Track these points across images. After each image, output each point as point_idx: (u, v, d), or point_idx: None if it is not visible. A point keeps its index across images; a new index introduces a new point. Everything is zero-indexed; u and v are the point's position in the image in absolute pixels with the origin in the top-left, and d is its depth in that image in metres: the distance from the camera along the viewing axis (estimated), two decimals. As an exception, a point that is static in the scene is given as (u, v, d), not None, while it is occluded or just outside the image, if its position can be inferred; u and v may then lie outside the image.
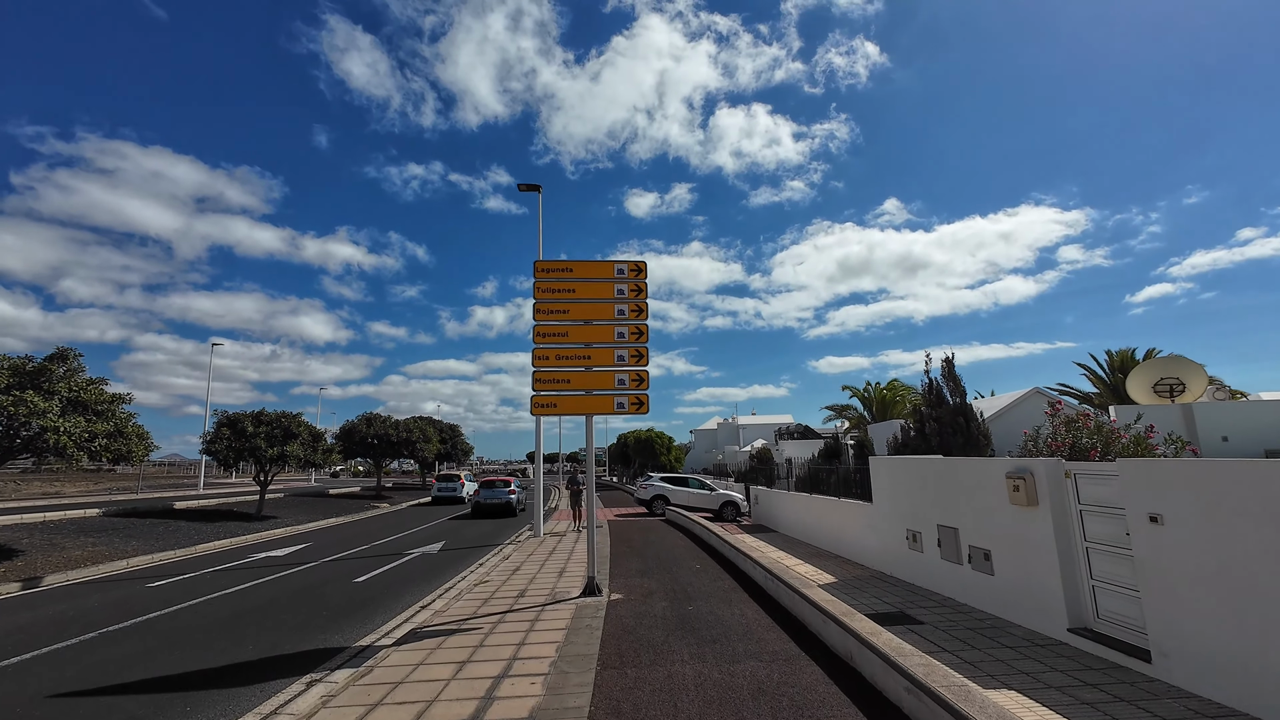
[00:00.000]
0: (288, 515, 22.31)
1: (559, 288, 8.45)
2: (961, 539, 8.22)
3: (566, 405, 8.15)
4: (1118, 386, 26.29)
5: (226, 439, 20.60)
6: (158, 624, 7.32)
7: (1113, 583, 5.94)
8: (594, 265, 8.61)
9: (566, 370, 8.26)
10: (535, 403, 8.06)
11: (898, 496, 10.12)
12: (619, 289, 8.53)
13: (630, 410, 8.09)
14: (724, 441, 62.10)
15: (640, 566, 10.36)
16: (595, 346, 8.35)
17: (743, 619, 6.69)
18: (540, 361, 8.21)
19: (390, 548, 14.34)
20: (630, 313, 8.47)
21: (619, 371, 8.25)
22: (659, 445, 47.85)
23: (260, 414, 21.88)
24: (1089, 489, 6.27)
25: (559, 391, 8.18)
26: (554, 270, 8.50)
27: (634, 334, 8.39)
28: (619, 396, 8.12)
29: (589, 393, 8.17)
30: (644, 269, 8.65)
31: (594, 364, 8.28)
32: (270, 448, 20.70)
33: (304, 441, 21.84)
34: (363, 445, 34.23)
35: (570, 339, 8.33)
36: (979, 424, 11.42)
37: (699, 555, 11.74)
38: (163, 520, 18.56)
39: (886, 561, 10.46)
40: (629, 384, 8.21)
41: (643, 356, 8.32)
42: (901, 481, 9.98)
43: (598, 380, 8.22)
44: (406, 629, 6.67)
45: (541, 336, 8.28)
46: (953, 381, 12.06)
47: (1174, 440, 7.83)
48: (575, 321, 8.41)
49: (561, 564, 10.80)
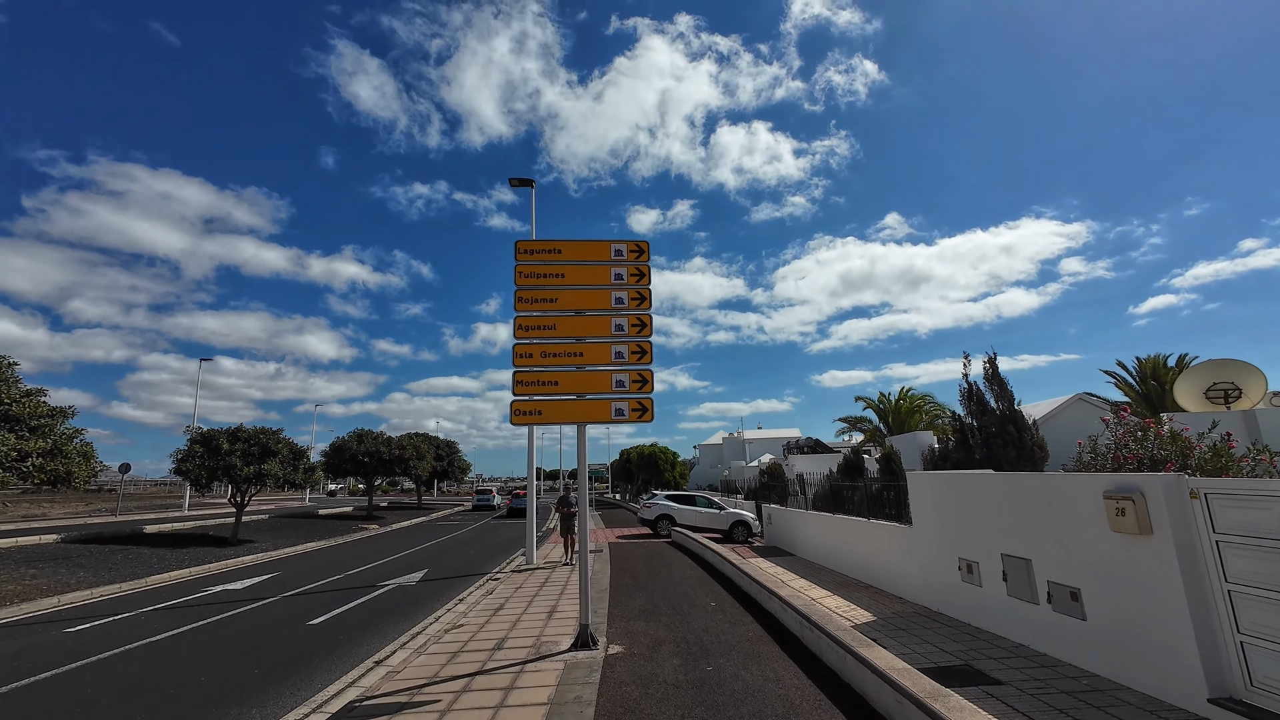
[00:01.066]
0: (266, 539, 20.78)
1: (545, 272, 7.09)
2: (1036, 572, 6.72)
3: (554, 412, 6.74)
4: (1150, 395, 24.73)
5: (199, 457, 19.18)
6: (18, 699, 5.70)
7: (1273, 639, 4.45)
8: (587, 245, 7.26)
9: (554, 370, 6.86)
10: (516, 410, 6.64)
11: (945, 518, 8.63)
12: (616, 273, 7.16)
13: (631, 418, 6.67)
14: (729, 457, 60.40)
15: (645, 604, 8.85)
16: (589, 341, 6.95)
17: (779, 687, 5.19)
18: (522, 360, 6.82)
19: (365, 578, 12.83)
20: (630, 301, 7.09)
21: (617, 371, 6.84)
22: (663, 461, 46.14)
23: (238, 430, 20.49)
24: (1230, 514, 4.80)
25: (545, 396, 6.77)
26: (539, 251, 7.15)
27: (635, 326, 7.00)
28: (617, 401, 6.71)
29: (581, 397, 6.76)
30: (646, 249, 7.29)
31: (587, 362, 6.88)
32: (246, 466, 19.27)
33: (283, 459, 20.41)
34: (353, 463, 32.74)
35: (558, 332, 6.95)
36: (1032, 433, 9.95)
37: (712, 588, 10.21)
38: (126, 547, 17.06)
39: (932, 595, 8.94)
40: (629, 386, 6.79)
41: (645, 353, 6.92)
42: (950, 501, 8.50)
43: (592, 382, 6.82)
44: (344, 701, 5.18)
45: (524, 330, 6.90)
46: (998, 386, 10.60)
47: (1261, 450, 6.38)
48: (564, 312, 7.03)
49: (552, 600, 9.29)
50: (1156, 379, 24.92)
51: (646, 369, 6.87)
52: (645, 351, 6.91)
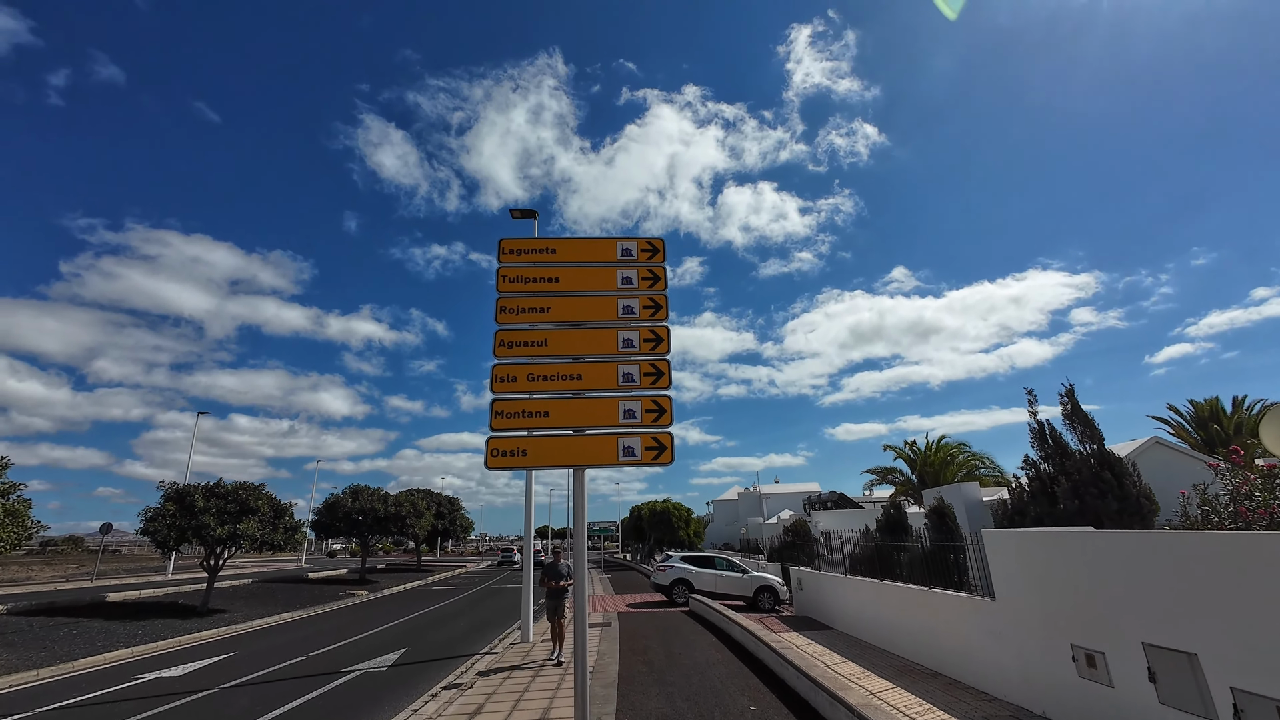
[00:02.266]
0: (239, 608, 18.74)
1: (536, 276, 5.68)
2: (1208, 673, 4.84)
3: (544, 452, 5.13)
4: (1214, 438, 22.53)
5: (171, 516, 17.48)
6: None
7: None
8: (589, 244, 5.87)
9: (544, 398, 5.32)
10: (493, 450, 5.06)
11: (1046, 591, 6.74)
12: (625, 276, 5.73)
13: (645, 458, 5.06)
14: (746, 513, 57.36)
15: (664, 708, 6.90)
16: (589, 361, 5.44)
17: None
18: (503, 385, 5.29)
19: (330, 660, 10.84)
20: (643, 310, 5.61)
21: (626, 397, 5.28)
22: (677, 518, 43.41)
23: (216, 486, 18.86)
24: None
25: (533, 431, 5.19)
26: (529, 251, 5.76)
27: (649, 341, 5.49)
28: (626, 437, 5.11)
29: (579, 432, 5.18)
30: (661, 248, 5.88)
31: (587, 387, 5.34)
32: (220, 526, 17.52)
33: (263, 518, 18.64)
34: (347, 521, 30.70)
35: (550, 350, 5.44)
36: (1135, 480, 8.11)
37: (747, 681, 8.20)
38: (77, 620, 15.16)
39: (1033, 693, 6.92)
40: (641, 417, 5.21)
41: (662, 375, 5.37)
42: (1054, 568, 6.64)
43: (593, 412, 5.25)
44: None
45: (506, 347, 5.42)
46: (1082, 424, 8.85)
47: None
48: (559, 324, 5.55)
49: (546, 699, 7.35)
50: (1217, 421, 22.79)
51: (664, 395, 5.30)
52: (662, 373, 5.36)
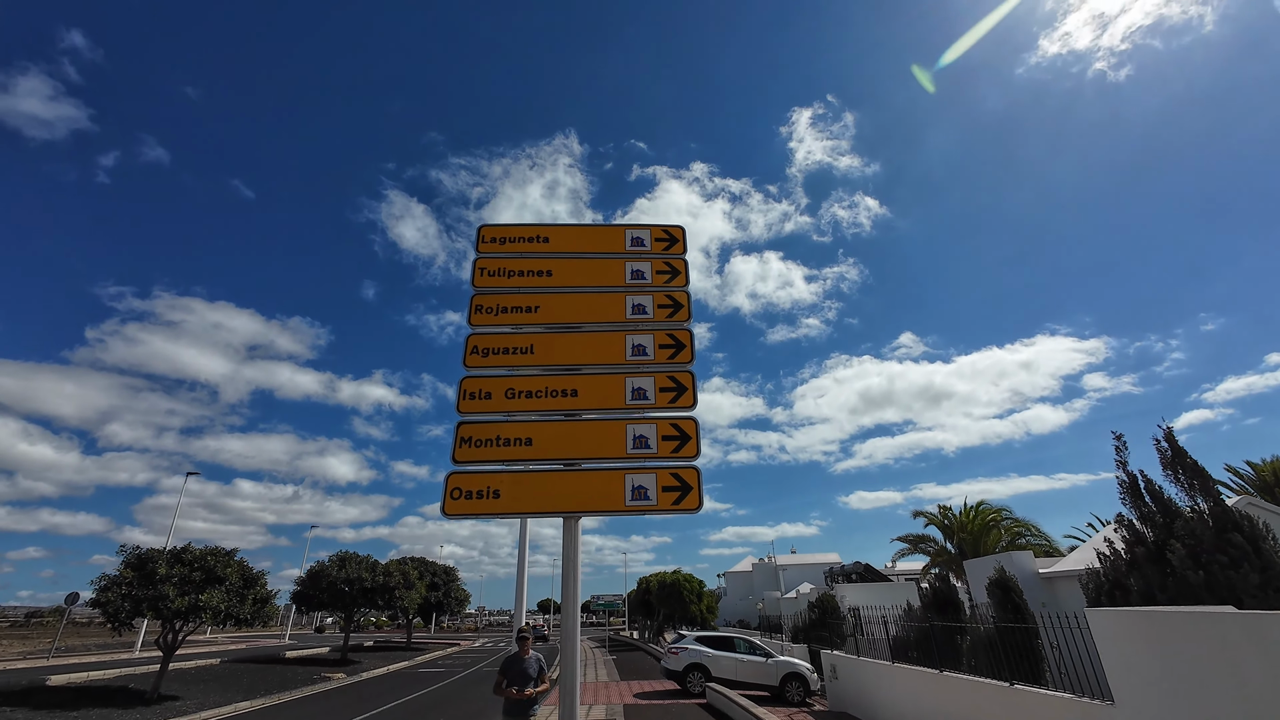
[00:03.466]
0: (196, 694, 16.52)
1: (522, 269, 4.48)
2: None
3: (523, 493, 3.71)
4: (1285, 505, 20.32)
5: (128, 585, 15.69)
6: None
7: None
8: (590, 232, 4.71)
9: (527, 420, 3.97)
10: (454, 489, 3.66)
11: (1198, 696, 5.00)
12: (635, 270, 4.51)
13: (662, 503, 3.63)
14: (762, 586, 53.63)
15: None
16: (589, 373, 4.12)
17: None
18: (474, 403, 3.97)
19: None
20: (658, 310, 4.35)
21: (637, 420, 3.92)
22: (688, 591, 40.18)
23: (182, 551, 17.13)
24: None
25: (510, 464, 3.81)
26: (516, 240, 4.60)
27: (666, 348, 4.19)
28: (637, 473, 3.71)
29: (572, 466, 3.79)
30: (681, 238, 4.70)
31: (585, 406, 3.99)
32: (180, 597, 15.65)
33: (230, 588, 16.74)
34: (331, 592, 28.30)
35: (538, 358, 4.15)
36: (1274, 545, 6.46)
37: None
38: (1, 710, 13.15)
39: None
40: (657, 447, 3.82)
41: (684, 390, 4.02)
42: (1208, 664, 4.94)
43: (591, 439, 3.88)
44: None
45: (480, 355, 4.14)
46: (1190, 474, 7.28)
47: None
48: (550, 326, 4.29)
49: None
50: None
51: (687, 416, 3.93)
52: (684, 388, 4.02)
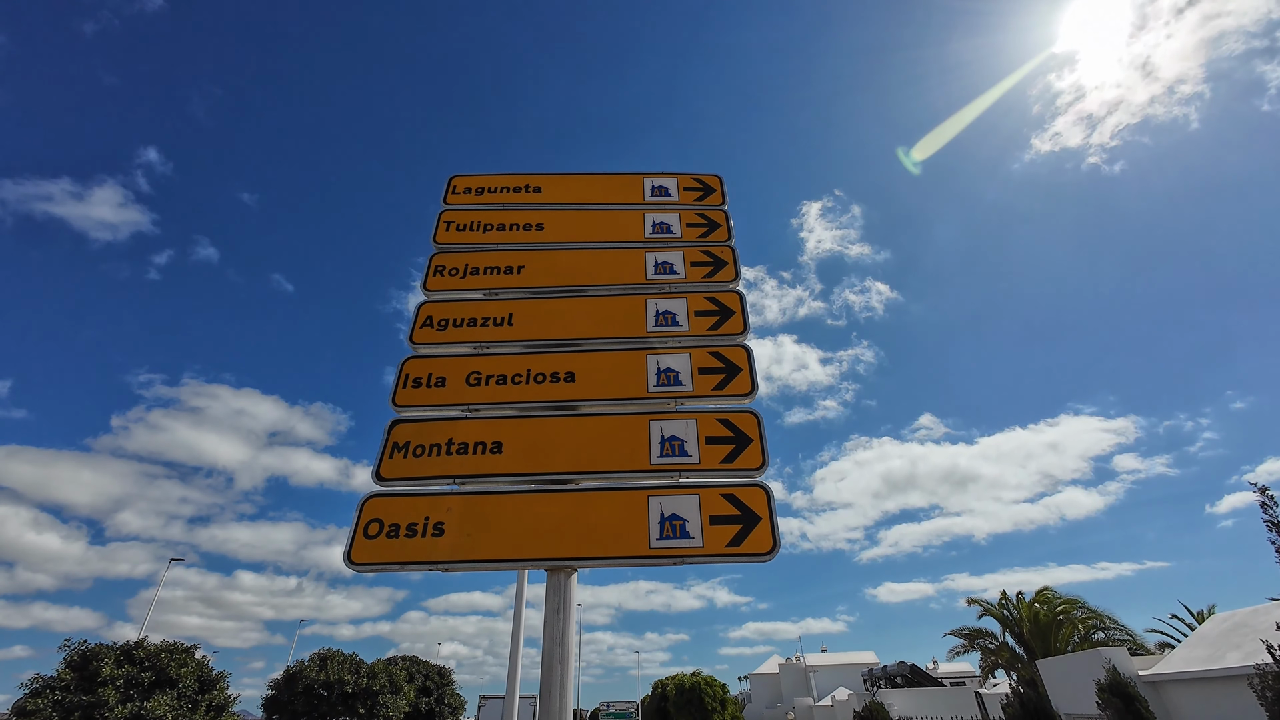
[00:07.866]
0: (124, 832, 13.69)
1: (504, 222, 3.27)
2: None
3: (481, 530, 2.24)
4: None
5: (63, 689, 13.49)
6: None
7: None
8: (597, 181, 3.51)
9: (496, 415, 2.57)
10: (366, 525, 2.22)
11: None
12: (658, 223, 3.27)
13: (710, 545, 2.12)
14: (791, 690, 47.99)
15: None
16: (590, 349, 2.76)
17: None
18: (418, 392, 2.61)
19: None
20: (691, 269, 3.05)
21: (666, 415, 2.50)
22: (709, 697, 35.56)
23: (135, 648, 14.97)
24: None
25: (463, 484, 2.37)
26: (497, 190, 3.41)
27: (705, 315, 2.85)
28: (668, 495, 2.25)
29: (563, 485, 2.35)
30: (719, 188, 3.48)
31: (585, 395, 2.59)
32: (121, 705, 13.36)
33: (182, 694, 14.40)
34: (308, 698, 25.11)
35: (518, 332, 2.82)
36: None
37: None
38: None
39: None
40: (699, 454, 2.38)
41: (739, 371, 2.63)
42: None
43: (597, 441, 2.44)
44: None
45: (436, 329, 2.83)
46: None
47: None
48: (539, 291, 2.99)
49: None
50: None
51: (744, 409, 2.52)
52: (737, 368, 2.63)
